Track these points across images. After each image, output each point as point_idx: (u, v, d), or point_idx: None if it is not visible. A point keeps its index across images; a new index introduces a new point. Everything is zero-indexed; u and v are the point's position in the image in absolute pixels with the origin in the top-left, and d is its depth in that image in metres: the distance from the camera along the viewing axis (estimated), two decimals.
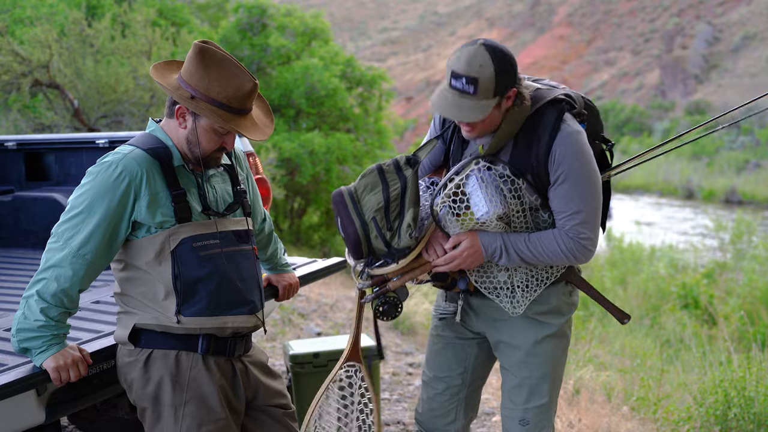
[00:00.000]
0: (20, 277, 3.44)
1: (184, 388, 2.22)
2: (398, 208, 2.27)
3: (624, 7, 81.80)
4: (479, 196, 2.25)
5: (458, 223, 2.31)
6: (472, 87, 2.17)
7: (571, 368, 5.45)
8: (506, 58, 2.21)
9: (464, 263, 2.33)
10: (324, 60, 15.48)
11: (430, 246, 2.36)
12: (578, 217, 2.28)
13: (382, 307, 2.38)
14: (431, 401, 2.65)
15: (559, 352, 2.49)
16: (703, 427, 4.07)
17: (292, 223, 15.63)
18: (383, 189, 2.27)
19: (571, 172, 2.26)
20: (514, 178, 2.28)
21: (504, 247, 2.30)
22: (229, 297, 2.27)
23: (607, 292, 10.82)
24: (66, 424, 3.79)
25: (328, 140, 14.13)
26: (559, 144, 2.25)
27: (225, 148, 2.28)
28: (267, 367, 2.48)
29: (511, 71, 2.22)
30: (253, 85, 2.22)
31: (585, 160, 2.28)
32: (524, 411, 2.47)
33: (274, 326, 6.38)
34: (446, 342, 2.62)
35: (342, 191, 2.33)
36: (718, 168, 36.40)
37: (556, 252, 2.30)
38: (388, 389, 5.07)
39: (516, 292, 2.39)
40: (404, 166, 2.30)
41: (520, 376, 2.48)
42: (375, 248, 2.31)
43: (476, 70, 2.16)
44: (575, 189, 2.27)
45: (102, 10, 12.41)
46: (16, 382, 2.06)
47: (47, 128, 9.42)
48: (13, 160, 4.36)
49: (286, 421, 2.46)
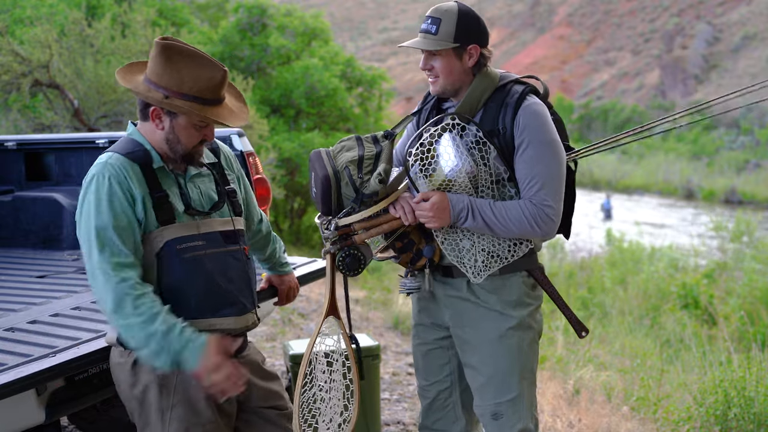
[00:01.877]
0: (20, 277, 3.44)
1: (171, 391, 2.20)
2: (371, 166, 2.37)
3: (624, 7, 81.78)
4: (450, 152, 2.33)
5: (427, 182, 2.36)
6: (435, 26, 2.40)
7: (571, 368, 5.45)
8: (474, 16, 2.42)
9: (432, 219, 2.35)
10: (324, 60, 15.49)
11: (398, 202, 2.40)
12: (540, 182, 2.35)
13: (346, 260, 2.39)
14: (429, 409, 2.68)
15: (525, 344, 2.48)
16: (703, 427, 4.06)
17: (292, 223, 15.63)
18: (359, 149, 2.40)
19: (534, 138, 2.36)
20: (486, 140, 2.37)
21: (470, 207, 2.34)
22: (216, 299, 2.24)
23: (607, 292, 10.82)
24: (66, 424, 3.79)
25: (328, 140, 14.13)
26: (524, 111, 2.38)
27: (206, 140, 2.27)
28: (261, 368, 2.44)
29: (475, 27, 2.41)
30: (224, 73, 2.21)
31: (548, 129, 2.39)
32: (495, 405, 2.47)
33: (274, 326, 6.38)
34: (427, 348, 2.65)
35: (320, 149, 2.47)
36: (718, 168, 36.40)
37: (519, 218, 2.34)
38: (388, 389, 5.07)
39: (478, 260, 2.41)
40: (381, 138, 2.44)
41: (486, 374, 2.48)
42: (344, 196, 2.37)
43: (440, 12, 2.41)
44: (538, 154, 2.35)
45: (102, 10, 12.41)
46: (16, 382, 2.06)
47: (47, 128, 9.42)
48: (13, 160, 4.36)
49: (281, 422, 2.43)
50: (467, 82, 2.46)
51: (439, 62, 2.42)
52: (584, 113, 55.02)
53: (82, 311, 2.82)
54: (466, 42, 2.40)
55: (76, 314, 2.77)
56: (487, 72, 2.46)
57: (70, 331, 2.52)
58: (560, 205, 2.40)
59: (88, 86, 9.55)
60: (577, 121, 52.69)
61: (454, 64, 2.42)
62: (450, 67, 2.42)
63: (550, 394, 4.70)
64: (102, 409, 3.29)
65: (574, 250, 15.85)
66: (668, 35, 70.94)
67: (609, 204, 27.13)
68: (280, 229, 14.99)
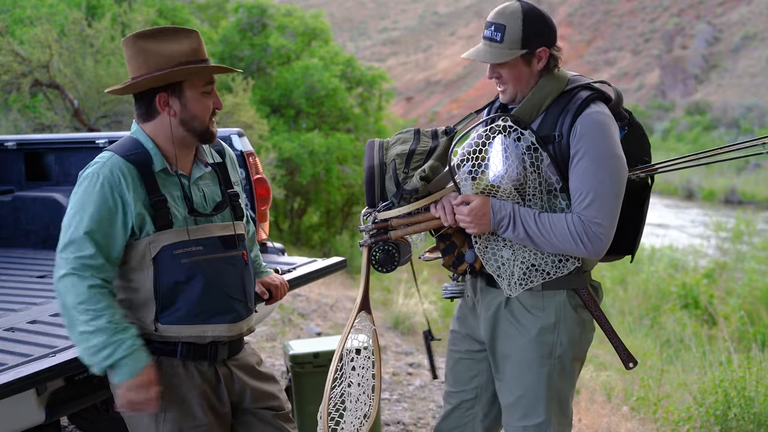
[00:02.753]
0: (20, 277, 3.44)
1: (164, 394, 2.19)
2: (422, 162, 2.28)
3: (624, 7, 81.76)
4: (498, 157, 2.21)
5: (473, 184, 2.26)
6: (499, 34, 2.22)
7: None
8: (539, 14, 2.25)
9: (470, 224, 2.24)
10: (324, 60, 15.49)
11: (439, 202, 2.30)
12: (591, 197, 2.18)
13: (379, 254, 2.34)
14: (449, 415, 2.62)
15: (556, 372, 2.35)
16: (703, 427, 4.06)
17: (292, 223, 15.63)
18: (413, 143, 2.31)
19: (590, 149, 2.19)
20: (539, 146, 2.22)
21: (512, 216, 2.21)
22: (210, 305, 2.22)
23: (607, 292, 10.83)
24: (66, 424, 3.79)
25: (328, 140, 14.14)
26: (583, 119, 2.21)
27: (217, 109, 2.27)
28: (256, 369, 2.42)
29: (542, 27, 2.25)
30: (198, 34, 2.23)
31: (607, 140, 2.20)
32: (523, 429, 2.40)
33: (274, 326, 6.38)
34: (459, 357, 2.59)
35: (374, 140, 2.39)
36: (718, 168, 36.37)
37: (564, 233, 2.18)
38: (388, 389, 5.07)
39: (515, 273, 2.28)
40: (441, 134, 2.35)
41: (515, 394, 2.39)
42: (387, 190, 2.30)
43: (504, 18, 2.23)
44: (593, 167, 2.18)
45: (102, 10, 12.41)
46: (16, 381, 2.06)
47: (47, 128, 9.42)
48: (13, 160, 4.36)
49: (277, 423, 2.41)
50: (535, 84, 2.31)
51: (507, 71, 2.27)
52: None
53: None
54: (534, 46, 2.24)
55: None
56: (555, 74, 2.30)
57: (60, 332, 2.51)
58: (612, 224, 2.21)
59: (88, 86, 9.54)
60: None
61: (522, 71, 2.26)
62: (519, 75, 2.27)
63: None
64: (102, 409, 3.28)
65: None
66: (668, 35, 70.92)
67: None
68: (280, 229, 14.99)
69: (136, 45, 2.18)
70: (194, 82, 2.20)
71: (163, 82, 2.17)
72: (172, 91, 2.19)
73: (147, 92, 2.21)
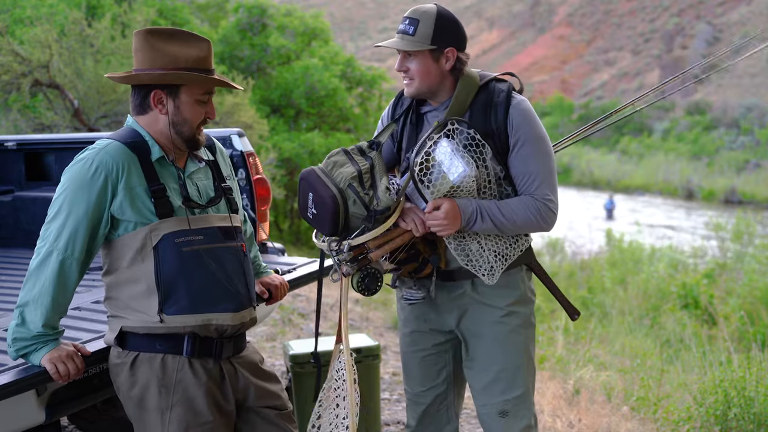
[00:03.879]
0: (20, 277, 3.43)
1: (170, 391, 2.19)
2: (370, 180, 2.33)
3: (624, 7, 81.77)
4: (452, 159, 2.32)
5: (433, 190, 2.33)
6: (412, 28, 2.39)
7: (571, 368, 5.45)
8: (452, 18, 2.42)
9: (446, 226, 2.33)
10: (324, 60, 15.49)
11: (406, 215, 2.38)
12: (540, 178, 2.39)
13: (365, 281, 2.34)
14: (423, 415, 2.67)
15: (529, 340, 2.54)
16: (703, 427, 4.06)
17: (292, 223, 15.63)
18: (352, 164, 2.35)
19: (528, 136, 2.39)
20: (483, 141, 2.37)
21: (479, 210, 2.35)
22: (212, 294, 2.23)
23: (608, 292, 10.83)
24: (66, 424, 3.79)
25: (328, 140, 14.15)
26: (515, 110, 2.40)
27: (209, 118, 2.28)
28: (259, 368, 2.43)
29: (452, 30, 2.41)
30: (209, 44, 2.25)
31: (538, 125, 2.43)
32: (504, 403, 2.49)
33: (274, 326, 6.38)
34: (423, 355, 2.64)
35: (312, 168, 2.40)
36: (718, 168, 36.41)
37: (526, 215, 2.37)
38: (388, 389, 5.07)
39: (490, 260, 2.42)
40: (367, 149, 2.41)
41: (494, 371, 2.50)
42: (352, 215, 2.31)
43: (419, 14, 2.40)
44: (533, 151, 2.39)
45: (102, 10, 12.41)
46: (16, 382, 2.06)
47: (47, 128, 9.42)
48: (13, 160, 4.36)
49: (280, 422, 2.42)
50: (445, 84, 2.45)
51: (415, 64, 2.41)
52: (584, 113, 54.93)
53: (82, 311, 2.82)
54: (443, 44, 2.39)
55: (76, 314, 2.77)
56: (467, 73, 2.46)
57: (70, 331, 2.51)
58: (558, 197, 2.44)
59: (88, 86, 9.55)
60: (577, 121, 52.63)
61: (430, 66, 2.41)
62: (426, 69, 2.41)
63: (550, 394, 4.70)
64: (102, 409, 3.28)
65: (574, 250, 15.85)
66: (668, 35, 70.94)
67: (611, 204, 27.06)
68: (280, 229, 14.99)
69: (147, 40, 2.20)
70: (192, 89, 2.22)
71: (162, 81, 2.19)
72: (169, 91, 2.21)
73: (144, 86, 2.23)
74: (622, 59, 73.19)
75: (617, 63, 72.93)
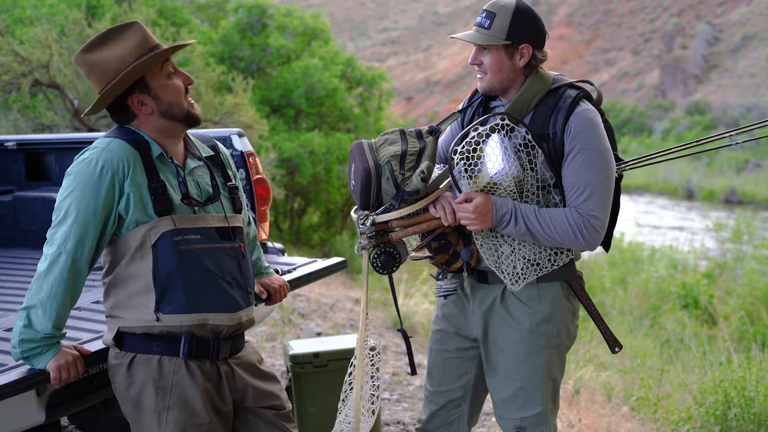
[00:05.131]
0: (20, 277, 3.44)
1: (167, 393, 2.19)
2: (414, 162, 2.29)
3: (624, 7, 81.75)
4: (497, 154, 2.26)
5: (471, 182, 2.29)
6: (489, 21, 2.32)
7: (571, 368, 5.45)
8: (531, 14, 2.34)
9: (473, 221, 2.28)
10: (324, 60, 15.48)
11: (438, 202, 2.33)
12: (588, 192, 2.27)
13: (381, 258, 2.34)
14: (433, 416, 2.64)
15: (553, 362, 2.45)
16: (703, 427, 4.06)
17: (292, 223, 15.62)
18: (402, 143, 2.31)
19: (584, 146, 2.28)
20: (535, 143, 2.29)
21: (514, 212, 2.27)
22: (209, 294, 2.23)
23: (608, 292, 10.82)
24: (66, 424, 3.79)
25: (328, 140, 14.13)
26: (576, 117, 2.30)
27: (189, 84, 2.26)
28: (257, 368, 2.42)
29: (530, 26, 2.33)
30: (138, 25, 2.21)
31: (599, 137, 2.31)
32: (520, 420, 2.45)
33: (274, 326, 6.38)
34: (447, 356, 2.60)
35: (362, 141, 2.39)
36: (718, 168, 36.38)
37: (564, 227, 2.27)
38: (388, 389, 5.07)
39: (517, 266, 2.35)
40: (425, 134, 2.36)
41: (513, 387, 2.44)
42: (384, 191, 2.29)
43: (496, 8, 2.33)
44: (588, 163, 2.28)
45: (102, 10, 12.40)
46: (16, 382, 2.06)
47: (47, 128, 9.42)
48: (13, 160, 4.36)
49: (278, 422, 2.41)
50: (517, 82, 2.38)
51: (488, 58, 2.35)
52: None
53: (82, 311, 2.83)
54: (518, 40, 2.32)
55: (76, 314, 2.77)
56: (540, 74, 2.38)
57: (70, 331, 2.51)
58: (607, 216, 2.33)
59: (88, 86, 9.53)
60: None
61: (504, 62, 2.34)
62: (499, 65, 2.35)
63: None
64: (102, 409, 3.28)
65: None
66: (668, 35, 70.91)
67: None
68: (280, 229, 14.98)
69: (85, 60, 2.18)
70: (154, 72, 2.19)
71: (125, 85, 2.17)
72: (139, 89, 2.19)
73: (118, 101, 2.21)
74: (622, 59, 73.18)
75: (617, 63, 72.91)
